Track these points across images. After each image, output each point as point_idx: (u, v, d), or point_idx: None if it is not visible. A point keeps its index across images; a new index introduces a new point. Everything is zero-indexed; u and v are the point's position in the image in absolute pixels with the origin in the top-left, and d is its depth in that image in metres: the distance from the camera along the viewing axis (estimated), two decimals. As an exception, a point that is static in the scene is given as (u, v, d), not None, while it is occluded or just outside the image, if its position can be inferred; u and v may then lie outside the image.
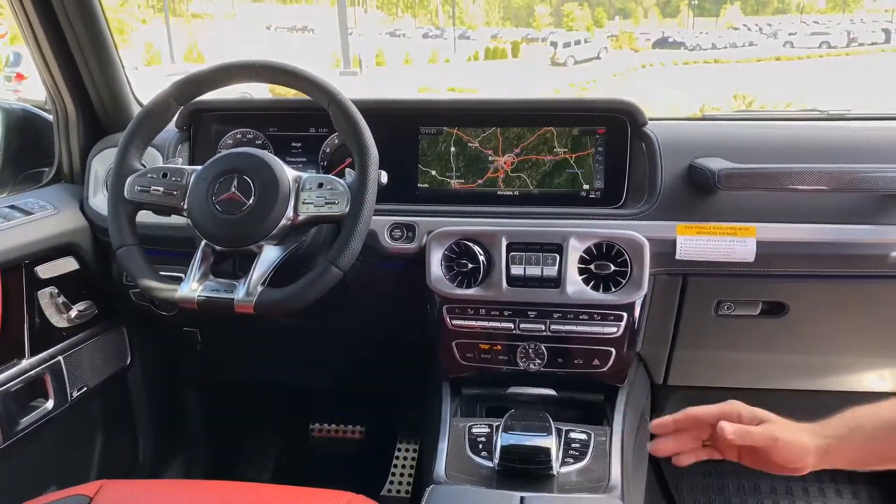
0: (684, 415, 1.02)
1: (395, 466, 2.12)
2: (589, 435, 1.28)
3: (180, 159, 1.39)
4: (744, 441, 0.97)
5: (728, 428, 0.96)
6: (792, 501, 1.94)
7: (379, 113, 1.39)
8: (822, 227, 1.30)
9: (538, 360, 1.37)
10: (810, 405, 1.69)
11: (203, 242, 1.23)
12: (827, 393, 1.65)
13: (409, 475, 2.09)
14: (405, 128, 1.49)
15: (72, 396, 1.55)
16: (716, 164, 1.29)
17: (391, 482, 2.08)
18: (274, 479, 2.14)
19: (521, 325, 1.34)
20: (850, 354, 1.52)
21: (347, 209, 1.17)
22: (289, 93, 1.38)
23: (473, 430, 1.30)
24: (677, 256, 1.31)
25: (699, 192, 1.33)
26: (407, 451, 2.16)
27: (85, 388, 1.60)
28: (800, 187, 1.24)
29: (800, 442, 0.95)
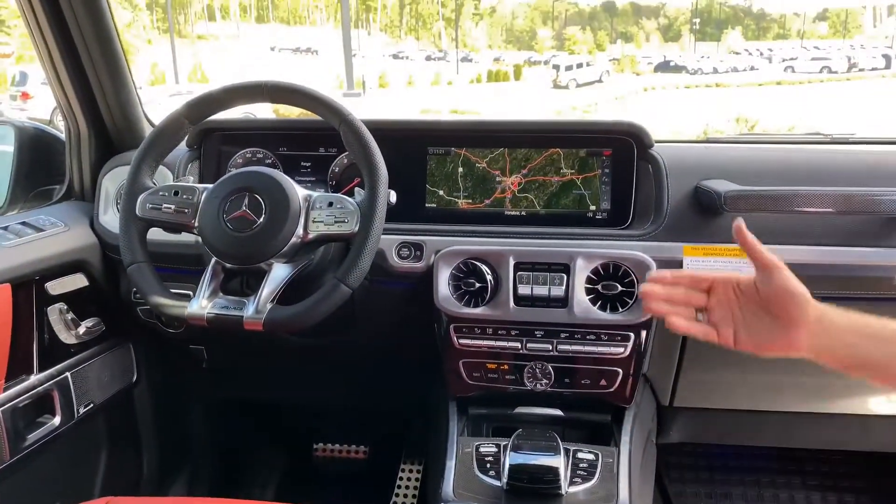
0: (682, 272, 1.00)
1: (399, 487, 2.11)
2: (597, 455, 1.28)
3: (191, 178, 1.40)
4: (753, 249, 0.93)
5: (742, 223, 0.93)
6: (796, 525, 1.93)
7: (388, 133, 1.40)
8: (827, 250, 1.31)
9: (545, 380, 1.37)
10: (815, 427, 1.70)
11: (213, 260, 1.23)
12: (832, 416, 1.65)
13: (413, 496, 2.08)
14: (413, 148, 1.50)
15: (78, 413, 1.55)
16: (722, 186, 1.30)
17: (395, 503, 2.07)
18: (277, 497, 2.13)
19: (529, 345, 1.34)
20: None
21: (357, 228, 1.18)
22: (292, 113, 1.38)
23: (481, 450, 1.30)
24: None
25: (705, 214, 1.34)
26: (411, 471, 2.15)
27: (91, 405, 1.60)
28: (806, 209, 1.25)
29: (803, 288, 0.91)
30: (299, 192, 1.22)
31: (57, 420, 1.49)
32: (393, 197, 1.23)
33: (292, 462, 2.26)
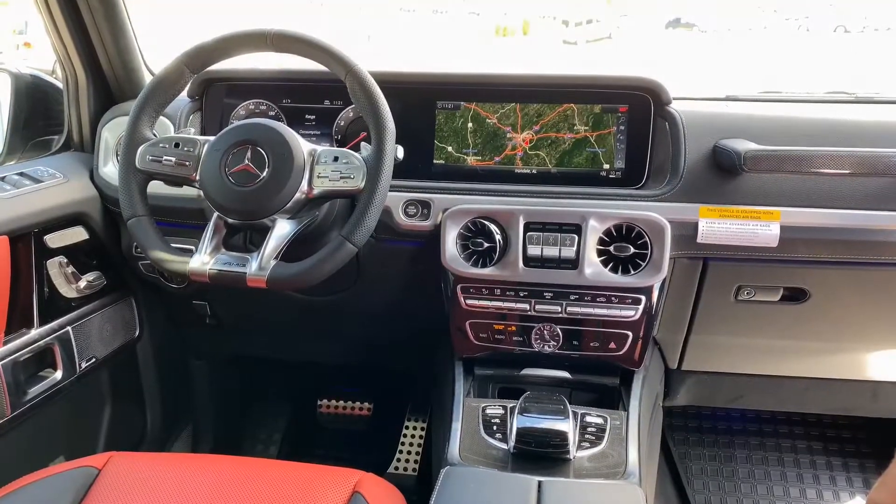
0: None
1: (403, 444, 2.11)
2: (605, 419, 1.26)
3: (192, 129, 1.36)
4: None
5: None
6: (802, 489, 1.93)
7: (395, 86, 1.36)
8: (848, 213, 1.26)
9: (553, 342, 1.35)
10: (823, 393, 1.69)
11: (215, 215, 1.20)
12: (842, 382, 1.63)
13: (417, 453, 2.08)
14: (421, 102, 1.45)
15: (80, 367, 1.54)
16: (741, 145, 1.25)
17: (398, 460, 2.07)
18: (281, 453, 2.14)
19: (537, 307, 1.32)
20: (872, 342, 1.50)
21: (363, 184, 1.14)
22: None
23: (488, 412, 1.28)
24: (699, 240, 1.28)
25: (723, 174, 1.30)
26: (415, 428, 2.15)
27: (94, 360, 1.58)
28: (828, 171, 1.21)
29: None
30: (303, 146, 1.19)
31: (58, 374, 1.48)
32: (400, 152, 1.19)
33: (296, 418, 2.27)
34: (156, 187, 1.26)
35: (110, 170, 1.54)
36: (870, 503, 0.90)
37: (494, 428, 1.25)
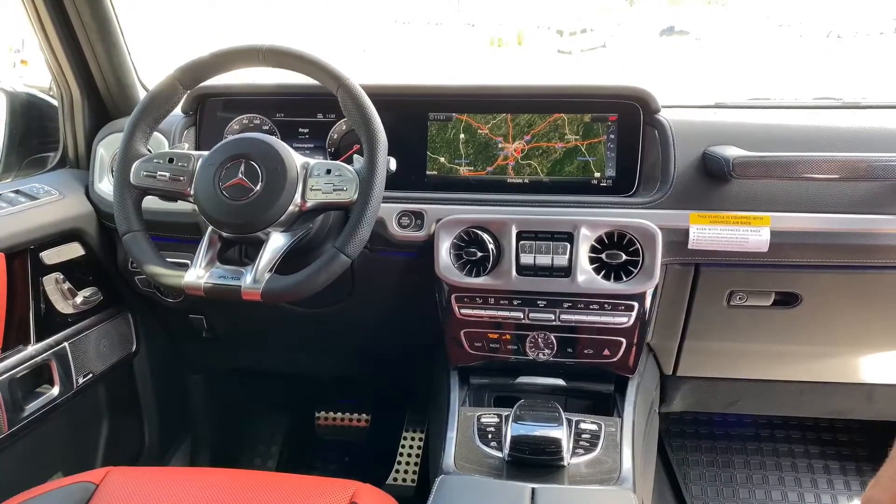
0: None
1: (401, 455, 2.11)
2: (599, 426, 1.27)
3: (186, 144, 1.37)
4: None
5: None
6: (800, 493, 1.94)
7: (387, 98, 1.37)
8: (837, 217, 1.28)
9: (547, 350, 1.35)
10: (819, 396, 1.69)
11: (209, 229, 1.21)
12: (836, 385, 1.64)
13: (416, 464, 2.08)
14: (414, 114, 1.47)
15: (77, 383, 1.55)
16: (730, 152, 1.26)
17: (397, 471, 2.07)
18: (280, 466, 2.14)
19: (531, 315, 1.33)
20: (865, 345, 1.51)
21: (356, 196, 1.15)
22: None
23: (482, 420, 1.29)
24: (690, 246, 1.29)
25: (713, 181, 1.31)
26: (413, 439, 2.15)
27: (91, 375, 1.59)
28: (816, 176, 1.22)
29: None
30: (296, 159, 1.20)
31: (56, 390, 1.49)
32: (393, 164, 1.20)
33: (294, 431, 2.27)
34: (150, 202, 1.28)
35: (105, 186, 1.55)
36: (865, 500, 0.91)
37: (489, 436, 1.26)
